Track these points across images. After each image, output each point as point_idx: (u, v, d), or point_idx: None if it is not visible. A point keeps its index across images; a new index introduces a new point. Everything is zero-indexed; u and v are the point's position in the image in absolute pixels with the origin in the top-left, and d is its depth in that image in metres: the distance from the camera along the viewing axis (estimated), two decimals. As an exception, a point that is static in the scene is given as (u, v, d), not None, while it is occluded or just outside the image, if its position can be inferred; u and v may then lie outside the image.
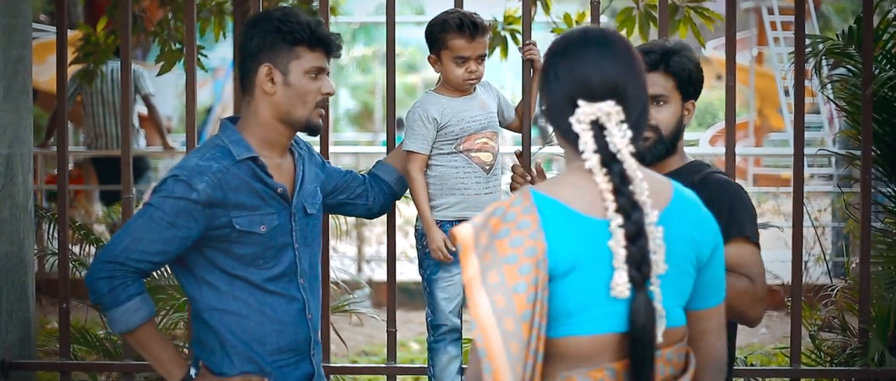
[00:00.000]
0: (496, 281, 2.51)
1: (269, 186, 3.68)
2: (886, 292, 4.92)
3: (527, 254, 2.52)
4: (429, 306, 4.31)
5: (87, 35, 7.45)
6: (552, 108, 2.73)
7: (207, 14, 6.98)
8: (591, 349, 2.61)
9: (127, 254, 3.57)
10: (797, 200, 4.74)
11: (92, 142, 10.53)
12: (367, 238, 11.78)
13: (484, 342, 2.49)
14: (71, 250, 5.31)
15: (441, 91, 4.25)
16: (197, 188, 3.56)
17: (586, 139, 2.63)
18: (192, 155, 3.70)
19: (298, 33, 3.67)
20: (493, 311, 2.49)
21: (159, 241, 3.57)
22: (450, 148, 4.19)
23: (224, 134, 3.73)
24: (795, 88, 4.77)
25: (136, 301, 3.60)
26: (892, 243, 5.05)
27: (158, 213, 3.57)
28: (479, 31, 4.15)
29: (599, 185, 2.60)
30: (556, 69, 2.72)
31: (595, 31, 2.76)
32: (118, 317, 3.61)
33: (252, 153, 3.67)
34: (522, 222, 2.55)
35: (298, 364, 3.80)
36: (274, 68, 3.67)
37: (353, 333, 8.80)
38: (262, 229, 3.66)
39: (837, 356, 5.10)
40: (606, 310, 2.60)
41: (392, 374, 4.84)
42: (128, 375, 4.90)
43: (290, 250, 3.74)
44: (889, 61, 5.00)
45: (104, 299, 3.60)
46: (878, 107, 4.90)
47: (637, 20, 6.38)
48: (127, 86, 4.87)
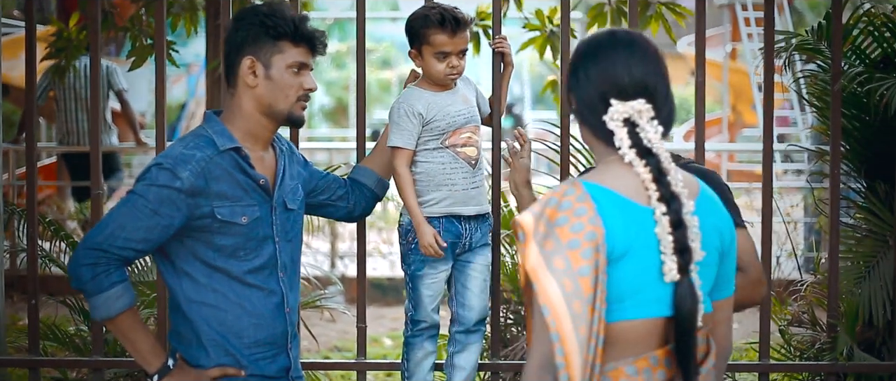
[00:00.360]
0: (562, 266, 2.61)
1: (252, 177, 3.71)
2: (855, 287, 4.94)
3: (587, 238, 2.63)
4: (411, 301, 4.30)
5: (60, 30, 7.42)
6: (583, 106, 2.87)
7: (179, 9, 6.96)
8: (640, 334, 2.74)
9: (111, 241, 3.58)
10: (766, 195, 4.76)
11: (64, 138, 10.49)
12: (340, 234, 11.78)
13: (556, 326, 2.60)
14: (41, 246, 5.30)
15: (423, 86, 4.24)
16: (180, 176, 3.59)
17: (621, 135, 2.78)
18: (176, 144, 3.73)
19: (282, 28, 3.71)
20: (563, 295, 2.60)
21: (142, 228, 3.59)
22: (436, 143, 4.18)
23: (208, 125, 3.77)
24: (765, 83, 4.79)
25: (119, 289, 3.62)
26: (861, 238, 5.06)
27: (142, 201, 3.59)
28: (461, 26, 4.15)
29: (641, 175, 2.75)
30: (586, 70, 2.86)
31: (622, 32, 2.91)
32: (100, 304, 3.62)
33: (235, 144, 3.71)
34: (579, 209, 2.66)
35: (275, 358, 3.82)
36: (256, 61, 3.72)
37: (325, 329, 8.81)
38: (244, 219, 3.68)
39: (807, 351, 5.11)
40: (654, 295, 2.73)
41: (362, 370, 4.84)
42: (97, 371, 4.89)
43: (271, 243, 3.77)
44: (858, 57, 5.01)
45: (87, 285, 3.61)
46: (847, 102, 4.91)
47: (609, 16, 6.40)
48: (96, 81, 4.85)
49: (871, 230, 5.01)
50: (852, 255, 5.03)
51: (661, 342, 2.77)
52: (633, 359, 2.73)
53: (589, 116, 2.86)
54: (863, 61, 5.00)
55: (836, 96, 4.68)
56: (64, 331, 5.60)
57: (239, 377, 3.74)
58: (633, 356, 2.73)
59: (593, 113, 2.84)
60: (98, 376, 4.89)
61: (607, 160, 2.84)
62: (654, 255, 2.72)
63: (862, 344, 4.93)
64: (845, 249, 5.01)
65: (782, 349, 5.20)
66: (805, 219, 10.79)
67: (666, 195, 2.73)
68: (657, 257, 2.72)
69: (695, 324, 2.74)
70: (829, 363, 4.78)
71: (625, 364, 2.74)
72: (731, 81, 16.17)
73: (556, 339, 2.59)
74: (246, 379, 3.75)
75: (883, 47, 4.97)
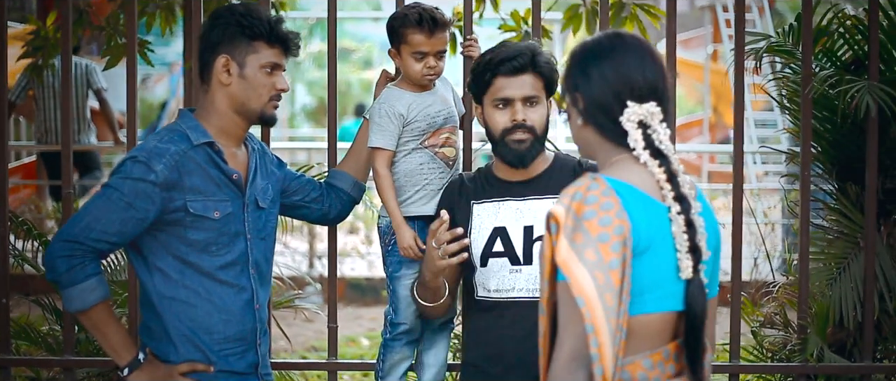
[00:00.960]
0: (594, 259, 2.67)
1: (224, 172, 3.75)
2: (826, 288, 4.95)
3: (616, 232, 2.70)
4: (390, 303, 4.30)
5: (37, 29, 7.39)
6: (593, 106, 2.92)
7: (155, 8, 6.94)
8: (657, 328, 2.83)
9: (86, 234, 3.63)
10: (737, 195, 4.77)
11: (42, 137, 10.46)
12: (318, 234, 11.76)
13: (591, 318, 2.65)
14: (13, 245, 5.28)
15: (403, 86, 4.24)
16: (155, 169, 3.63)
17: (636, 137, 2.85)
18: (150, 138, 3.77)
19: (258, 28, 3.76)
20: (595, 287, 2.65)
21: (117, 221, 3.63)
22: (415, 144, 4.17)
23: (182, 120, 3.82)
24: (735, 85, 4.81)
25: (93, 281, 3.67)
26: (832, 239, 5.07)
27: (117, 194, 3.63)
28: (439, 26, 4.14)
29: (656, 175, 2.82)
30: (600, 69, 2.91)
31: (629, 35, 2.98)
32: (75, 296, 3.67)
33: (209, 138, 3.76)
34: (606, 203, 2.72)
35: (244, 354, 3.85)
36: (231, 60, 3.76)
37: (303, 329, 8.81)
38: (216, 214, 3.73)
39: (778, 352, 5.12)
40: (670, 289, 2.82)
41: (333, 370, 4.84)
42: (69, 371, 4.88)
43: (243, 240, 3.80)
44: (830, 59, 5.03)
45: (62, 277, 3.65)
46: (818, 104, 4.93)
47: (584, 17, 6.40)
48: (68, 79, 4.85)
49: (842, 232, 5.02)
50: (823, 256, 5.04)
51: (673, 336, 2.87)
52: (649, 352, 2.82)
53: (600, 116, 2.91)
54: (834, 63, 5.00)
55: (806, 99, 4.69)
56: (36, 330, 5.58)
57: (207, 374, 3.76)
58: (650, 349, 2.82)
59: (606, 113, 2.89)
60: (70, 375, 4.88)
61: (615, 160, 2.90)
62: (671, 250, 2.81)
63: (833, 346, 4.94)
64: (816, 250, 5.02)
65: (754, 350, 5.21)
66: (783, 221, 10.81)
67: (679, 195, 2.81)
68: (673, 252, 2.81)
69: (704, 320, 2.86)
70: (800, 364, 4.80)
71: (642, 358, 2.82)
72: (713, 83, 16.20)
73: (591, 330, 2.65)
74: (215, 375, 3.78)
75: (854, 50, 4.98)
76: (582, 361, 2.68)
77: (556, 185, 3.91)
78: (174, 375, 3.75)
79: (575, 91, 2.94)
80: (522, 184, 3.99)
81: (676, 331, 2.88)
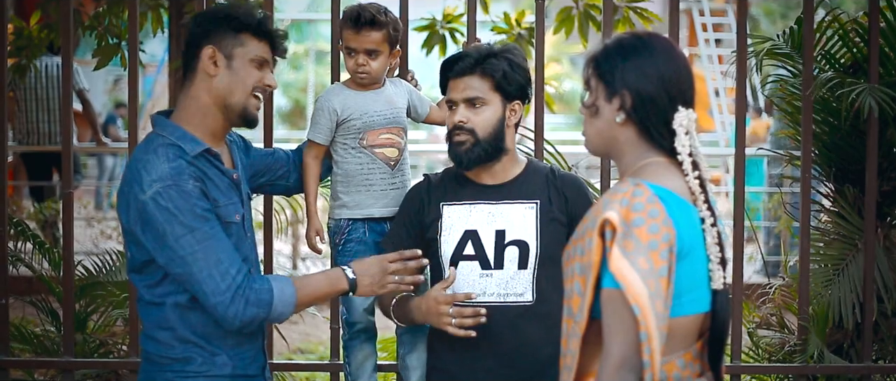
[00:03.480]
0: (646, 267, 2.67)
1: (227, 174, 3.68)
2: (825, 290, 4.98)
3: (664, 240, 2.70)
4: (342, 304, 4.30)
5: (20, 29, 7.35)
6: (644, 103, 2.87)
7: (144, 8, 6.92)
8: (690, 328, 2.84)
9: (229, 277, 3.49)
10: (738, 199, 4.80)
11: (23, 137, 10.41)
12: (301, 236, 11.73)
13: (646, 325, 2.66)
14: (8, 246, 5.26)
15: (347, 83, 4.23)
16: (186, 187, 3.47)
17: (684, 142, 2.84)
18: (150, 162, 3.56)
19: (245, 21, 3.68)
20: (649, 295, 2.66)
21: (229, 247, 3.52)
22: (354, 143, 4.15)
23: (165, 131, 3.64)
24: (737, 92, 4.84)
25: (276, 287, 3.56)
26: (829, 241, 5.11)
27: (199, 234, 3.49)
28: (364, 25, 4.10)
29: (691, 183, 2.83)
30: (656, 68, 2.87)
31: (666, 38, 2.96)
32: (281, 310, 3.57)
33: (203, 146, 3.62)
34: (652, 211, 2.72)
35: (256, 357, 3.80)
36: (217, 51, 3.64)
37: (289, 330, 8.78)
38: (237, 217, 3.65)
39: (776, 354, 5.15)
40: (701, 292, 2.83)
41: (335, 371, 4.84)
42: (67, 372, 4.86)
43: (246, 239, 3.75)
44: (829, 62, 5.06)
45: (259, 316, 3.54)
46: (816, 107, 4.96)
47: (576, 20, 6.42)
48: (68, 80, 4.83)
49: (840, 234, 5.05)
50: (821, 258, 5.08)
51: (700, 336, 2.89)
52: (682, 352, 2.83)
53: (650, 116, 2.87)
54: (833, 67, 5.04)
55: (808, 101, 4.72)
56: (31, 332, 5.56)
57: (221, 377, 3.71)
58: (683, 349, 2.83)
59: (658, 114, 2.86)
60: (68, 376, 4.87)
61: (646, 162, 2.89)
62: (704, 253, 2.82)
63: (831, 346, 4.97)
64: (814, 252, 5.06)
65: (751, 351, 5.24)
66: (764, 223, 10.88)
67: (711, 205, 2.83)
68: (704, 255, 2.82)
69: (729, 327, 2.92)
70: (800, 365, 4.83)
71: (676, 357, 2.82)
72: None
73: (645, 338, 2.65)
74: (231, 379, 3.72)
75: (853, 53, 5.01)
76: (631, 369, 2.68)
77: (529, 190, 3.91)
78: (384, 263, 3.73)
79: (622, 87, 2.88)
80: (495, 188, 3.96)
81: (702, 330, 2.89)
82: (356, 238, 4.21)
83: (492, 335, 3.88)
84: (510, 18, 6.62)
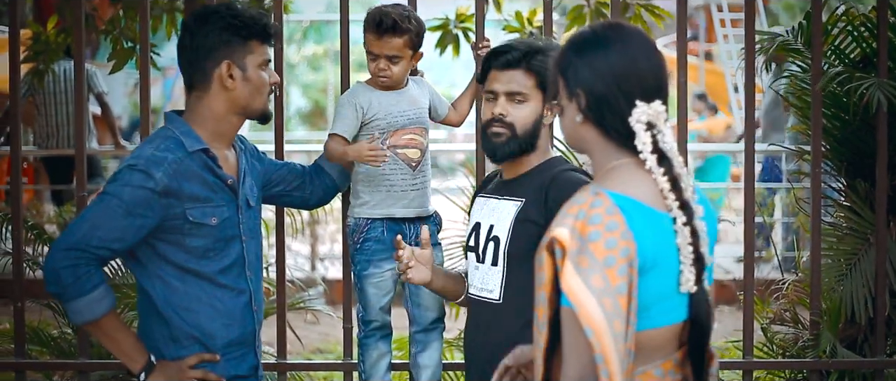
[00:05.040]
0: (601, 285, 2.55)
1: (220, 177, 3.74)
2: (837, 284, 4.97)
3: (622, 255, 2.58)
4: (359, 301, 4.32)
5: (37, 34, 7.39)
6: (598, 104, 2.76)
7: (159, 11, 6.94)
8: (663, 340, 2.74)
9: (87, 241, 3.58)
10: (748, 195, 4.80)
11: (43, 141, 10.46)
12: (320, 236, 11.77)
13: (601, 348, 2.54)
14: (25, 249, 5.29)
15: (372, 83, 4.26)
16: (154, 177, 3.60)
17: (645, 139, 2.71)
18: (144, 146, 3.74)
19: (252, 28, 3.75)
20: (603, 314, 2.54)
21: (117, 228, 3.59)
22: (376, 143, 4.19)
23: (173, 125, 3.77)
24: (746, 84, 4.83)
25: (101, 290, 3.63)
26: (841, 236, 5.10)
27: (115, 201, 3.59)
28: (386, 31, 4.12)
29: (660, 183, 2.69)
30: (607, 63, 2.75)
31: (629, 25, 2.84)
32: (83, 307, 3.62)
33: (204, 145, 3.73)
34: (610, 223, 2.60)
35: (245, 357, 3.86)
36: (233, 64, 3.72)
37: (307, 331, 8.80)
38: (213, 221, 3.71)
39: (789, 349, 5.15)
40: (674, 301, 2.72)
41: (349, 370, 4.85)
42: (84, 374, 4.89)
43: (238, 243, 3.81)
44: (838, 57, 5.05)
45: (69, 289, 3.59)
46: (826, 102, 4.95)
47: (588, 18, 6.42)
48: (80, 84, 4.85)
49: (852, 228, 5.05)
50: (833, 253, 5.07)
51: (679, 345, 2.80)
52: (660, 362, 2.75)
53: (605, 115, 2.77)
54: (842, 61, 5.03)
55: (817, 96, 4.72)
56: (47, 334, 5.59)
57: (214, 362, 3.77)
58: (661, 358, 2.75)
59: (612, 112, 2.76)
60: (85, 378, 4.89)
61: (616, 164, 2.79)
62: (675, 262, 2.72)
63: (844, 341, 4.97)
64: (827, 247, 5.05)
65: (764, 347, 5.23)
66: (783, 219, 10.85)
67: (683, 202, 2.71)
68: (677, 264, 2.72)
69: (710, 330, 2.79)
70: (813, 360, 4.82)
71: (653, 368, 2.74)
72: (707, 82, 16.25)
73: (601, 360, 2.55)
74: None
75: (862, 47, 5.01)
76: None
77: (522, 188, 3.88)
78: (184, 369, 3.74)
79: (576, 85, 2.78)
80: (507, 183, 3.98)
81: (682, 338, 2.81)
82: (374, 237, 4.24)
83: (469, 328, 3.95)
84: (522, 17, 6.62)
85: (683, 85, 4.76)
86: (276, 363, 4.85)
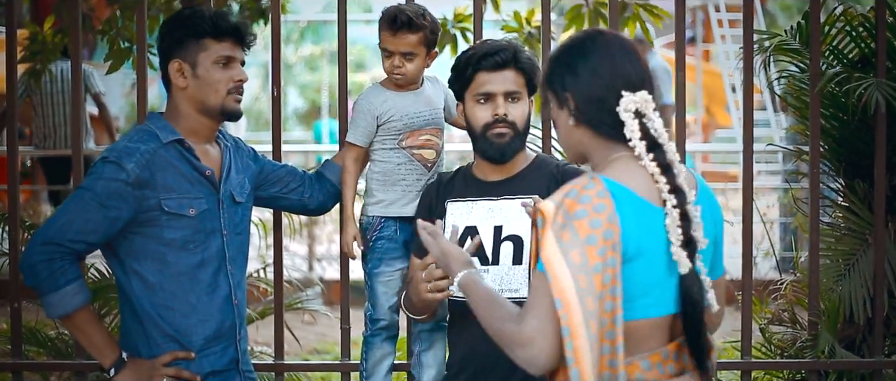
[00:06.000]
0: (579, 261, 2.63)
1: (197, 168, 3.80)
2: (835, 285, 4.97)
3: (605, 237, 2.66)
4: (368, 300, 4.32)
5: (34, 34, 7.37)
6: (586, 103, 2.88)
7: (156, 11, 6.93)
8: (649, 332, 2.79)
9: (62, 234, 3.64)
10: (747, 194, 4.79)
11: (40, 142, 10.45)
12: (317, 237, 11.77)
13: (568, 320, 2.62)
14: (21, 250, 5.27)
15: (387, 84, 4.24)
16: (126, 168, 3.66)
17: (633, 127, 2.81)
18: (120, 139, 3.84)
19: (201, 26, 3.82)
20: (576, 290, 2.61)
21: (92, 221, 3.65)
22: (393, 143, 4.18)
23: (151, 121, 3.88)
24: (745, 85, 4.83)
25: (75, 286, 3.68)
26: (840, 236, 5.10)
27: (89, 194, 3.66)
28: (401, 27, 4.12)
29: (649, 168, 2.78)
30: (591, 65, 2.87)
31: (609, 32, 2.98)
32: (57, 301, 3.68)
33: (178, 136, 3.80)
34: (599, 205, 2.69)
35: (225, 351, 3.91)
36: (183, 62, 3.83)
37: (305, 331, 8.79)
38: (191, 212, 3.76)
39: (787, 349, 5.14)
40: (662, 294, 2.79)
41: (346, 371, 4.85)
42: (80, 374, 4.88)
43: (219, 236, 3.84)
44: (836, 57, 5.05)
45: (44, 283, 3.65)
46: (825, 102, 4.95)
47: (586, 18, 6.41)
48: (78, 84, 4.84)
49: (851, 229, 5.04)
50: (832, 253, 5.06)
51: (671, 337, 2.85)
52: (647, 354, 2.79)
53: (595, 112, 2.87)
54: (841, 61, 5.03)
55: (815, 96, 4.71)
56: (44, 335, 5.58)
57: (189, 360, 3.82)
58: (648, 351, 2.79)
59: (601, 107, 2.85)
60: (82, 379, 4.88)
61: (613, 158, 2.87)
62: (663, 255, 2.78)
63: (842, 342, 4.96)
64: (825, 247, 5.04)
65: (762, 347, 5.23)
66: (781, 219, 10.84)
67: (675, 186, 2.77)
68: (664, 257, 2.78)
69: (703, 312, 2.82)
70: (811, 360, 4.82)
71: (639, 359, 2.79)
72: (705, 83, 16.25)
73: (567, 333, 2.62)
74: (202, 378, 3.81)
75: (860, 47, 5.00)
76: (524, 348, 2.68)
77: (530, 186, 3.91)
78: (158, 367, 3.79)
79: (564, 91, 2.90)
80: (498, 184, 3.99)
81: (674, 332, 2.86)
82: (387, 236, 4.25)
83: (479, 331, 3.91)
84: (521, 17, 6.61)
85: (682, 85, 4.75)
86: (274, 363, 4.84)
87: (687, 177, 2.86)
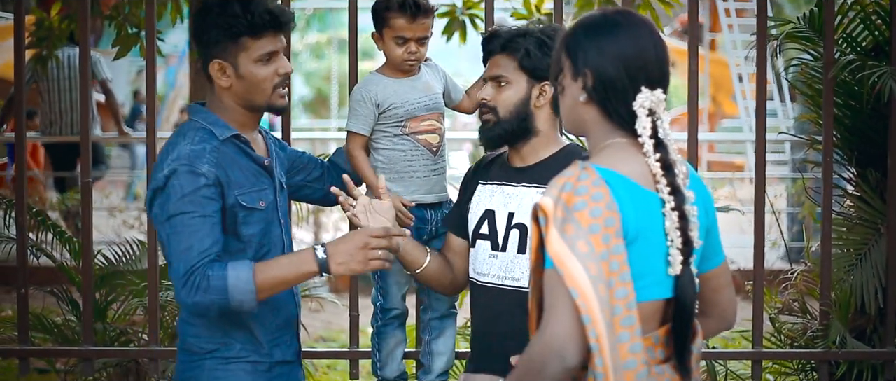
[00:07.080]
0: (586, 250, 2.64)
1: (256, 160, 3.71)
2: (846, 274, 4.95)
3: (607, 224, 2.66)
4: (379, 289, 4.27)
5: (41, 20, 7.36)
6: (604, 85, 2.85)
7: (164, -1, 6.92)
8: (645, 315, 2.78)
9: (189, 262, 3.49)
10: (759, 184, 4.77)
11: (46, 128, 10.44)
12: (324, 224, 11.75)
13: (587, 308, 2.62)
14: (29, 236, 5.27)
15: (384, 71, 4.19)
16: (202, 172, 3.53)
17: (646, 124, 2.80)
18: (178, 143, 3.63)
19: (237, 27, 3.64)
20: (589, 278, 2.62)
21: (204, 233, 3.50)
22: (396, 131, 4.13)
23: (199, 117, 3.72)
24: (758, 73, 4.80)
25: (231, 274, 3.50)
26: (851, 226, 5.07)
27: (186, 217, 3.52)
28: (421, 12, 4.08)
29: (653, 167, 2.78)
30: (617, 47, 2.84)
31: (636, 14, 2.92)
32: (239, 297, 3.50)
33: (233, 131, 3.68)
34: (596, 194, 2.68)
35: (291, 342, 3.85)
36: (224, 62, 3.66)
37: (311, 319, 8.79)
38: (262, 204, 3.68)
39: (798, 339, 5.13)
40: (659, 278, 2.79)
41: (354, 359, 4.83)
42: (87, 361, 4.87)
43: (278, 226, 3.77)
44: (849, 45, 5.02)
45: (216, 303, 3.50)
46: (837, 91, 4.92)
47: (597, 5, 6.40)
48: (85, 71, 4.82)
49: (863, 218, 5.02)
50: (843, 242, 5.04)
51: (662, 322, 2.85)
52: (639, 337, 2.76)
53: (610, 97, 2.84)
54: (854, 49, 5.00)
55: (829, 85, 4.68)
56: (51, 321, 5.58)
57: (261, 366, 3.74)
58: (640, 334, 2.76)
59: (617, 96, 2.83)
60: (88, 365, 4.87)
61: (608, 142, 2.87)
62: (660, 239, 2.78)
63: (853, 332, 4.94)
64: (836, 236, 5.02)
65: (773, 337, 5.21)
66: (788, 209, 10.82)
67: (675, 187, 2.78)
68: (662, 241, 2.78)
69: (694, 311, 2.83)
70: (822, 350, 4.80)
71: None
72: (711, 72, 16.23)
73: (588, 321, 2.61)
74: (269, 367, 3.74)
75: (874, 35, 4.98)
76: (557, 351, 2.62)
77: (549, 175, 3.85)
78: (365, 237, 3.58)
79: (584, 66, 2.85)
80: (520, 170, 3.96)
81: (665, 317, 2.86)
82: None
83: (491, 317, 3.92)
84: (530, 4, 6.60)
85: (694, 73, 4.72)
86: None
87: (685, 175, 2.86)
